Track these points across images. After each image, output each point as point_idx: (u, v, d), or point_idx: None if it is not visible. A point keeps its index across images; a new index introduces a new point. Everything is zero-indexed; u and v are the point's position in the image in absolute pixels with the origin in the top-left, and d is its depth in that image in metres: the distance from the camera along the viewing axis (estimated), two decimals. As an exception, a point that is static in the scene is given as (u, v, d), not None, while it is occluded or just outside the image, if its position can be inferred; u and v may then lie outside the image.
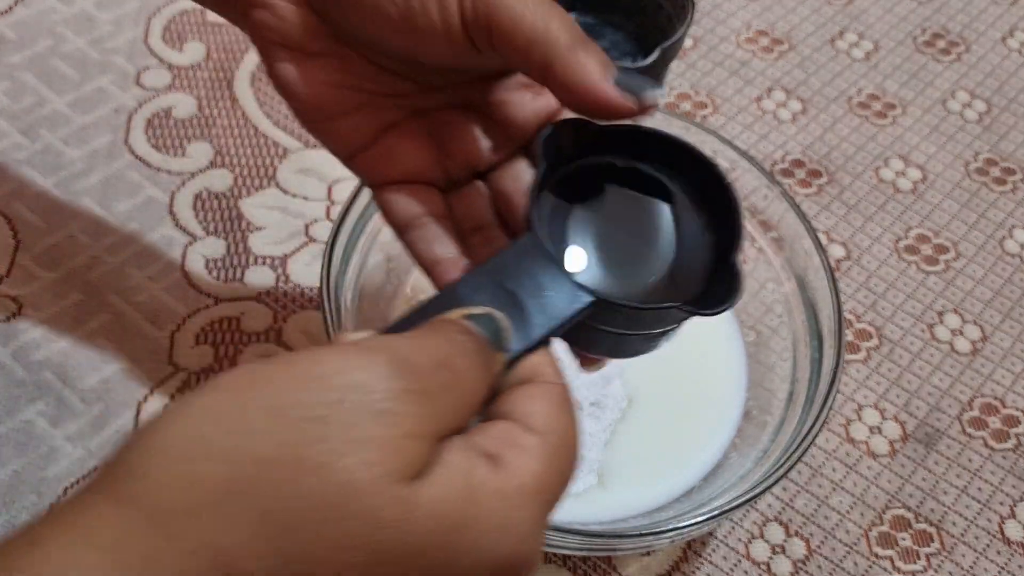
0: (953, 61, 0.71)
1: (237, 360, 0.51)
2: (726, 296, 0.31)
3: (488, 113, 0.36)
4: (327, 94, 0.34)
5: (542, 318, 0.29)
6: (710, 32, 0.71)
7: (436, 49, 0.33)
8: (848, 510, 0.49)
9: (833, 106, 0.67)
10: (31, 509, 0.46)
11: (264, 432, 0.21)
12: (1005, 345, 0.56)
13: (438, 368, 0.24)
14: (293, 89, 0.34)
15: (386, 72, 0.35)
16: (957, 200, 0.62)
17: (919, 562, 0.47)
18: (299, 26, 0.33)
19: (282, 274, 0.55)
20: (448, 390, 0.24)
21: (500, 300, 0.29)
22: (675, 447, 0.48)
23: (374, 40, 0.33)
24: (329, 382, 0.22)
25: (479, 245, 0.36)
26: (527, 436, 0.25)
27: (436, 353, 0.25)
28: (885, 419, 0.52)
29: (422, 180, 0.36)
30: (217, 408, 0.22)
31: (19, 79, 0.61)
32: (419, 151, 0.36)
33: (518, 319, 0.29)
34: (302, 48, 0.34)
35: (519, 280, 0.29)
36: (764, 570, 0.46)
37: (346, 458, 0.21)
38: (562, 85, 0.31)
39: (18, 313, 0.52)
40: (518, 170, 0.36)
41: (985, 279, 0.59)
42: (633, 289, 0.33)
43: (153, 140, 0.60)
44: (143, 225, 0.56)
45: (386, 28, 0.32)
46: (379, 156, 0.36)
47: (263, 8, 0.33)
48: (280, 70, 0.34)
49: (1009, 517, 0.49)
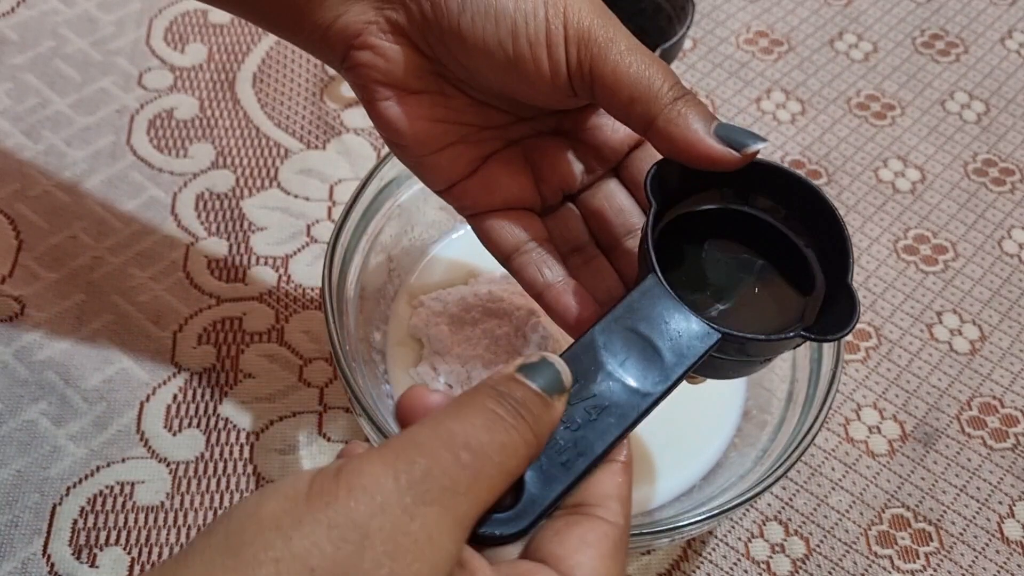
0: (952, 62, 0.71)
1: (239, 360, 0.51)
2: (847, 319, 0.31)
3: (579, 137, 0.37)
4: (428, 129, 0.35)
5: (678, 359, 0.30)
6: (710, 33, 0.71)
7: (540, 93, 0.34)
8: (847, 509, 0.49)
9: (832, 107, 0.67)
10: (34, 508, 0.46)
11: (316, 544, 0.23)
12: (1004, 345, 0.56)
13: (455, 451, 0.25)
14: (396, 126, 0.35)
15: (484, 105, 0.36)
16: (956, 200, 0.63)
17: (918, 561, 0.47)
18: (403, 65, 0.34)
19: (284, 274, 0.55)
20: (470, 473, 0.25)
21: (634, 345, 0.30)
22: (675, 446, 0.48)
23: (480, 81, 0.34)
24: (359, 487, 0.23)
25: (579, 266, 0.37)
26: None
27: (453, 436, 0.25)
28: (884, 418, 0.52)
29: (521, 206, 0.37)
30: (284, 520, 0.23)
31: (21, 80, 0.62)
32: (516, 178, 0.37)
33: (655, 362, 0.30)
34: (405, 86, 0.35)
35: (649, 323, 0.31)
36: (764, 569, 0.47)
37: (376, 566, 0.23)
38: (664, 139, 0.32)
39: (21, 313, 0.52)
40: (609, 189, 0.37)
41: (984, 279, 0.59)
42: (751, 320, 0.33)
43: (155, 141, 0.60)
44: (145, 225, 0.56)
45: (494, 72, 0.33)
46: (478, 186, 0.37)
47: (367, 49, 0.34)
48: (383, 108, 0.35)
49: (1008, 516, 0.49)
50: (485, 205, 0.37)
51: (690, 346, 0.31)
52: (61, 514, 0.46)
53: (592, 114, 0.37)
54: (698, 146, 0.32)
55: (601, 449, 0.28)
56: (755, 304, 0.34)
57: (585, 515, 0.27)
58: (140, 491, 0.47)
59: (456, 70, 0.34)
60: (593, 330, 0.31)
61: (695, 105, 0.32)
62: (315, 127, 0.62)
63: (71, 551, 0.45)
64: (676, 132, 0.32)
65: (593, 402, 0.29)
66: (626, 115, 0.33)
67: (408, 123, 0.35)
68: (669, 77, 0.32)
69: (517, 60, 0.33)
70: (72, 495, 0.46)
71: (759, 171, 0.34)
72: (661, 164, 0.33)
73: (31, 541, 0.45)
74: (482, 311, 0.49)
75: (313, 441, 0.49)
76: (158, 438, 0.48)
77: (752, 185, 0.35)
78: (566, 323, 0.35)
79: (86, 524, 0.46)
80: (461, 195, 0.37)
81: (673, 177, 0.34)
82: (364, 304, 0.48)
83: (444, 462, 0.24)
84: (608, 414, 0.29)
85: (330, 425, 0.49)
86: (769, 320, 0.34)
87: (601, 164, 0.37)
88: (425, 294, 0.51)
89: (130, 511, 0.46)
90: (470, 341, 0.48)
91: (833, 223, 0.34)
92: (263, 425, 0.49)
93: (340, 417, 0.50)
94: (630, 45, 0.33)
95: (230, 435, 0.49)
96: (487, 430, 0.25)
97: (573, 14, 0.32)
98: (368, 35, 0.34)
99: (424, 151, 0.36)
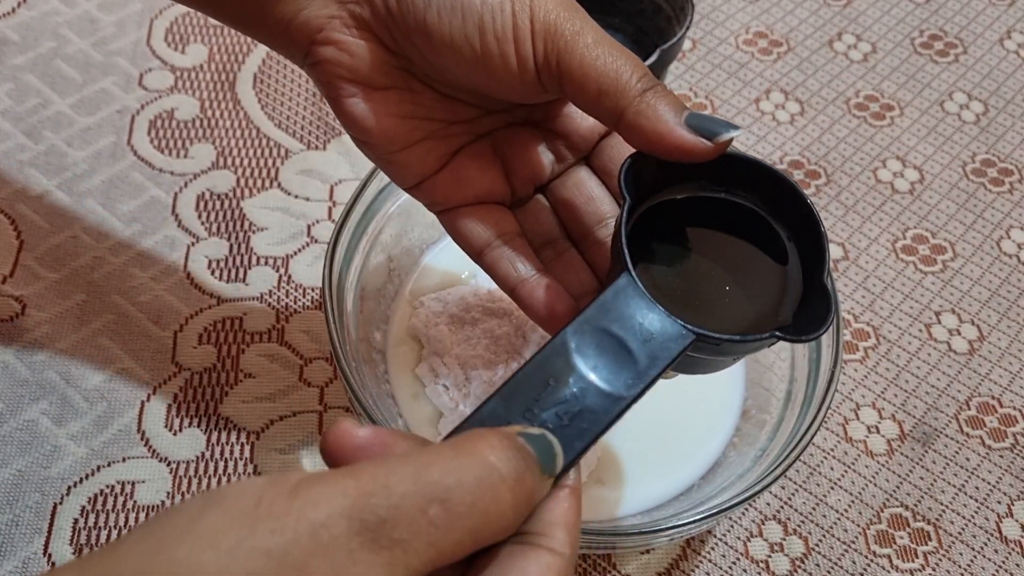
0: (951, 62, 0.71)
1: (239, 360, 0.51)
2: (822, 319, 0.31)
3: (549, 126, 0.37)
4: (395, 126, 0.35)
5: (652, 361, 0.29)
6: (709, 34, 0.71)
7: (509, 89, 0.33)
8: (846, 508, 0.49)
9: (831, 107, 0.67)
10: (34, 508, 0.46)
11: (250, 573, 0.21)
12: (1002, 344, 0.56)
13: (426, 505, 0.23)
14: (362, 124, 0.34)
15: (452, 100, 0.35)
16: (954, 201, 0.63)
17: (917, 560, 0.48)
18: (367, 60, 0.34)
19: (284, 274, 0.55)
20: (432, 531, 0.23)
21: (607, 347, 0.29)
22: (674, 445, 0.48)
23: (447, 77, 0.34)
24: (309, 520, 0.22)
25: (551, 259, 0.36)
26: None
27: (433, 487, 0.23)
28: (883, 418, 0.52)
29: (491, 200, 0.36)
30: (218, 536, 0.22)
31: (22, 81, 0.62)
32: (486, 172, 0.36)
33: (628, 364, 0.29)
34: (370, 82, 0.34)
35: (622, 324, 0.30)
36: (763, 568, 0.47)
37: None
38: (634, 132, 0.32)
39: (21, 313, 0.52)
40: (579, 178, 0.36)
41: (982, 279, 0.59)
42: (727, 318, 0.33)
43: (156, 141, 0.60)
44: (146, 226, 0.56)
45: (461, 68, 0.33)
46: (447, 181, 0.36)
47: (331, 45, 0.34)
48: (348, 106, 0.34)
49: (1006, 515, 0.49)
50: (455, 201, 0.36)
51: (664, 347, 0.30)
52: (62, 513, 0.46)
53: (563, 103, 0.37)
54: (669, 136, 0.31)
55: (572, 456, 0.27)
56: (731, 300, 0.34)
57: (528, 544, 0.25)
58: (141, 490, 0.47)
59: (423, 65, 0.34)
60: (565, 331, 0.30)
61: (665, 95, 0.32)
62: (315, 127, 0.62)
63: (72, 550, 0.45)
64: (646, 124, 0.31)
65: (565, 407, 0.28)
66: (596, 109, 0.32)
67: (374, 120, 0.34)
68: (638, 69, 0.32)
69: (484, 56, 0.32)
70: (73, 494, 0.47)
71: (735, 165, 0.33)
72: (635, 157, 0.33)
73: (32, 540, 0.45)
74: (482, 311, 0.49)
75: (313, 441, 0.49)
76: (159, 438, 0.49)
77: (729, 180, 0.34)
78: (540, 318, 0.35)
79: (87, 523, 0.46)
80: (430, 191, 0.36)
81: (648, 171, 0.33)
82: (364, 304, 0.48)
83: (409, 515, 0.22)
84: (580, 419, 0.28)
85: (330, 425, 0.50)
86: (745, 318, 0.33)
87: (572, 152, 0.37)
88: (425, 294, 0.51)
89: (131, 510, 0.46)
90: (470, 341, 0.48)
91: (810, 219, 0.33)
92: (263, 425, 0.49)
93: (340, 417, 0.50)
94: (597, 38, 0.32)
95: (230, 435, 0.49)
96: (476, 490, 0.23)
97: (539, 8, 0.32)
98: (331, 30, 0.33)
99: (392, 148, 0.35)
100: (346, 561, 0.22)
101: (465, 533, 0.23)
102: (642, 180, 0.33)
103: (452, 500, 0.23)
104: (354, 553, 0.22)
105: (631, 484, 0.46)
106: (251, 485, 0.23)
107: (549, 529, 0.26)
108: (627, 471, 0.47)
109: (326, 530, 0.22)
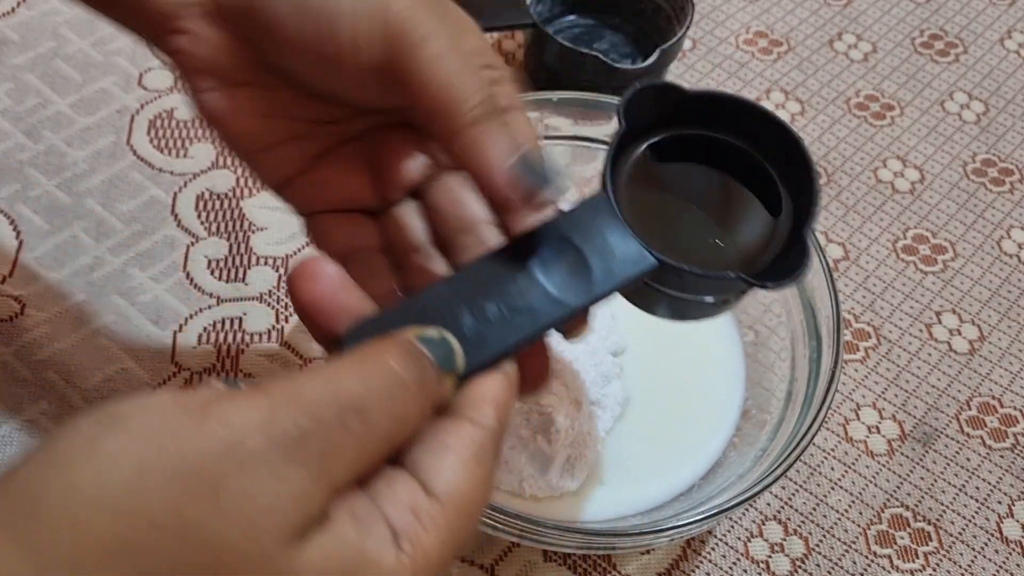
0: (951, 62, 0.71)
1: (239, 360, 0.51)
2: (789, 271, 0.30)
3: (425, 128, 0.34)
4: (256, 124, 0.33)
5: (606, 277, 0.29)
6: (709, 34, 0.71)
7: (359, 93, 0.31)
8: (847, 509, 0.49)
9: (831, 107, 0.67)
10: (35, 508, 0.46)
11: (159, 494, 0.21)
12: (1003, 345, 0.56)
13: (343, 415, 0.23)
14: (219, 120, 0.32)
15: (317, 99, 0.33)
16: (955, 200, 0.63)
17: (917, 560, 0.48)
18: (224, 54, 0.31)
19: (284, 274, 0.55)
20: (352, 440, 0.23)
21: (566, 255, 0.29)
22: (674, 446, 0.48)
23: (300, 77, 0.32)
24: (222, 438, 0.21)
25: (414, 268, 0.33)
26: (429, 504, 0.24)
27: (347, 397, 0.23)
28: (883, 418, 0.52)
29: (356, 207, 0.34)
30: (123, 457, 0.21)
31: (22, 80, 0.62)
32: (353, 178, 0.34)
33: (582, 276, 0.29)
34: (227, 77, 0.32)
35: (586, 235, 0.30)
36: (763, 568, 0.47)
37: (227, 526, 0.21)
38: (461, 163, 0.29)
39: (21, 313, 0.52)
40: (451, 183, 0.33)
41: (983, 279, 0.59)
42: (700, 256, 0.32)
43: (155, 141, 0.60)
44: (146, 226, 0.56)
45: (310, 67, 0.31)
46: (312, 185, 0.34)
47: (183, 34, 0.31)
48: (204, 100, 0.32)
49: (1007, 516, 0.49)
50: (317, 206, 0.34)
51: (622, 266, 0.29)
52: (61, 514, 0.46)
53: None
54: (488, 179, 0.28)
55: (503, 347, 0.28)
56: (710, 243, 0.33)
57: (450, 418, 0.26)
58: (140, 491, 0.47)
59: (278, 62, 0.31)
60: (528, 235, 0.30)
61: (500, 128, 0.28)
62: (315, 127, 0.62)
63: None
64: (470, 159, 0.29)
65: (509, 302, 0.28)
66: (431, 130, 0.29)
67: (232, 117, 0.32)
68: (482, 90, 0.28)
69: (330, 56, 0.30)
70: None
71: (739, 110, 0.33)
72: (639, 90, 0.32)
73: (31, 540, 0.45)
74: (482, 311, 0.49)
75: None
76: (158, 438, 0.48)
77: (737, 128, 0.33)
78: None
79: (86, 524, 0.46)
80: (291, 195, 0.34)
81: (648, 107, 0.32)
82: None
83: (328, 426, 0.22)
84: (520, 315, 0.28)
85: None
86: (720, 260, 0.32)
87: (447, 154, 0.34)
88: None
89: (130, 511, 0.46)
90: (470, 341, 0.48)
91: (806, 171, 0.32)
92: (263, 425, 0.49)
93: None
94: (451, 45, 0.29)
95: (230, 435, 0.49)
96: (387, 397, 0.24)
97: (393, 6, 0.29)
98: (185, 19, 0.31)
99: (251, 147, 0.33)
100: (268, 477, 0.21)
101: (382, 440, 0.24)
102: (642, 118, 0.32)
103: (367, 408, 0.23)
104: (275, 467, 0.21)
105: (631, 484, 0.46)
106: (155, 404, 0.22)
107: (476, 403, 0.26)
108: (627, 471, 0.47)
109: (242, 447, 0.21)
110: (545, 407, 0.45)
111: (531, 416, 0.46)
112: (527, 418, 0.46)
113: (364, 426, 0.23)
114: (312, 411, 0.22)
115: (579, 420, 0.46)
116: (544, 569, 0.46)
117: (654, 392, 0.49)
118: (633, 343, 0.50)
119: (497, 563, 0.45)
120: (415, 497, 0.24)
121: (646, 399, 0.49)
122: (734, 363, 0.51)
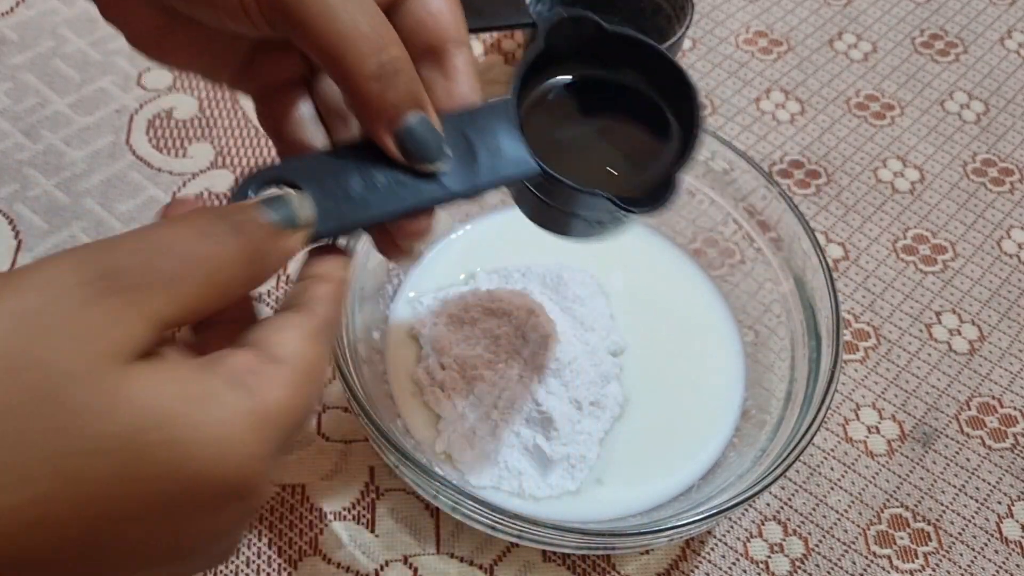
0: (951, 62, 0.71)
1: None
2: (651, 201, 0.33)
3: None
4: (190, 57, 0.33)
5: (490, 173, 0.32)
6: (709, 33, 0.71)
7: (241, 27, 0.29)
8: (846, 509, 0.49)
9: (831, 107, 0.67)
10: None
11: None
12: (1003, 345, 0.56)
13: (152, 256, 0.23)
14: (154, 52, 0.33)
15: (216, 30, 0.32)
16: (955, 200, 0.63)
17: (917, 561, 0.47)
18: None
19: (284, 274, 0.55)
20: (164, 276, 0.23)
21: (457, 148, 0.31)
22: (673, 446, 0.48)
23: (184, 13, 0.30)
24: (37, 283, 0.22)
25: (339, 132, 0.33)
26: (271, 365, 0.25)
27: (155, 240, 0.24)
28: (883, 418, 0.52)
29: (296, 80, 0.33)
30: None
31: (21, 80, 0.62)
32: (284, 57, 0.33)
33: (468, 166, 0.31)
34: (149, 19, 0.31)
35: (481, 133, 0.32)
36: (763, 569, 0.47)
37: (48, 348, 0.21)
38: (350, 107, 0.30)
39: (20, 313, 0.52)
40: None
41: (983, 279, 0.59)
42: (589, 178, 0.34)
43: (154, 141, 0.60)
44: (144, 225, 0.56)
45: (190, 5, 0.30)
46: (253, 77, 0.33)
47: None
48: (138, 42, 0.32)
49: (1007, 516, 0.49)
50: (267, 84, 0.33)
51: (506, 166, 0.32)
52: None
53: None
54: (376, 139, 0.30)
55: (379, 213, 0.30)
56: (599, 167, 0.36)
57: (290, 308, 0.27)
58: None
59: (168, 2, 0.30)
60: None
61: (394, 90, 0.29)
62: (314, 127, 0.62)
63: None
64: (362, 116, 0.29)
65: (397, 176, 0.30)
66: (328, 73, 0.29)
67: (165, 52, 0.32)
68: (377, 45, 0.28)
69: None
70: None
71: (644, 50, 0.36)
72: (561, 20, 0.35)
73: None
74: (481, 311, 0.49)
75: (312, 441, 0.49)
76: (157, 438, 0.48)
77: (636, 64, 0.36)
78: None
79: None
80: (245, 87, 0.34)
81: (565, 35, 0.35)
82: (364, 304, 0.48)
83: (139, 262, 0.23)
84: (405, 188, 0.30)
85: (329, 425, 0.49)
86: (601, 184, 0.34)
87: None
88: (424, 294, 0.51)
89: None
90: (469, 341, 0.48)
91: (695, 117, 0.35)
92: (262, 425, 0.49)
93: (339, 417, 0.50)
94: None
95: (229, 435, 0.49)
96: (195, 240, 0.24)
97: None
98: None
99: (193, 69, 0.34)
100: (80, 308, 0.22)
101: (200, 278, 0.24)
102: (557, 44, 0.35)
103: (176, 249, 0.24)
104: (88, 299, 0.22)
105: (631, 485, 0.46)
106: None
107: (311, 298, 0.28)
108: (627, 472, 0.47)
109: (51, 286, 0.22)
110: (545, 407, 0.45)
111: (531, 416, 0.46)
112: (527, 418, 0.46)
113: (177, 263, 0.24)
114: (122, 253, 0.23)
115: (579, 420, 0.46)
116: (543, 569, 0.45)
117: (653, 392, 0.49)
118: (633, 343, 0.50)
119: (496, 563, 0.45)
120: (258, 359, 0.25)
121: (645, 399, 0.49)
122: (734, 363, 0.51)
